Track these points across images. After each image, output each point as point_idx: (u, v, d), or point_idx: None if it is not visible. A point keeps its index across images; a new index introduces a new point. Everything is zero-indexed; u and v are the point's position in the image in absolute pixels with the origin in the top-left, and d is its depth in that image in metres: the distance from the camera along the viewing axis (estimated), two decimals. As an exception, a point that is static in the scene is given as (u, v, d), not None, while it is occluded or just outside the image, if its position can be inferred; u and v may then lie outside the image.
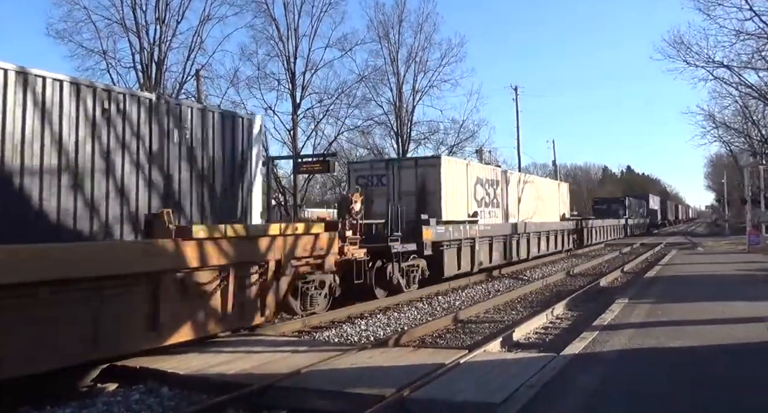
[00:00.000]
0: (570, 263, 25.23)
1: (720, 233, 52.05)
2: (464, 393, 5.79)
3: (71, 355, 6.82)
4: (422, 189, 17.55)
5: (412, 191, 17.59)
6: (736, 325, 8.96)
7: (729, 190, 60.91)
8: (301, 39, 32.15)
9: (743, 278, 15.61)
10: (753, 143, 45.04)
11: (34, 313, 6.40)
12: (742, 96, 35.52)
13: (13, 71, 7.45)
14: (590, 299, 13.97)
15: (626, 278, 18.91)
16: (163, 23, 27.35)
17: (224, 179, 10.50)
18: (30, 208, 7.52)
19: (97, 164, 8.38)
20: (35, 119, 7.62)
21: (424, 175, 17.66)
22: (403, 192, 17.58)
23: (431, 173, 17.61)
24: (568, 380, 6.16)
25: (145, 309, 7.73)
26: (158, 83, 26.95)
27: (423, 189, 17.55)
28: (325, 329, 10.97)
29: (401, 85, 36.30)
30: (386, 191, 17.79)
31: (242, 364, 7.37)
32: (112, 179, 8.54)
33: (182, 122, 9.69)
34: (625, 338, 8.17)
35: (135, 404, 6.43)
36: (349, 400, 5.94)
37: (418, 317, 12.34)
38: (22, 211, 7.44)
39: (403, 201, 16.71)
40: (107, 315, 7.18)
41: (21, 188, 7.43)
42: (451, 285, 16.76)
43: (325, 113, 32.92)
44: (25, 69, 7.57)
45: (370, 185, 17.98)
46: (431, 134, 37.82)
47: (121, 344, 7.39)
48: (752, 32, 25.66)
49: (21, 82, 7.50)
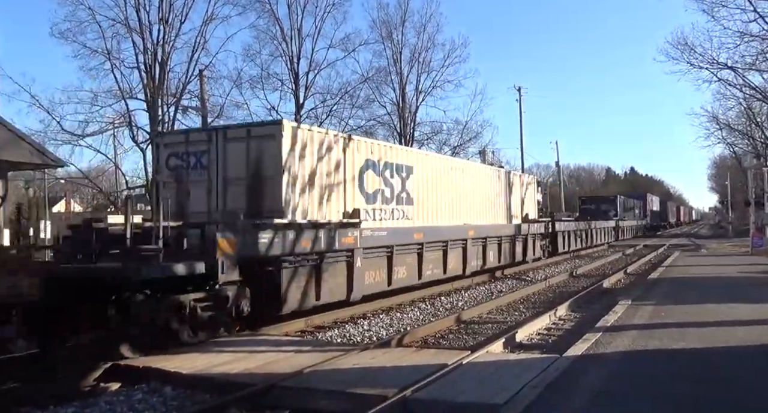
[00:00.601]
0: (573, 264, 25.18)
1: (723, 235, 51.97)
2: (467, 394, 5.79)
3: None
4: (256, 173, 11.22)
5: (242, 177, 11.32)
6: (739, 327, 8.95)
7: (732, 192, 60.87)
8: (304, 39, 32.19)
9: (747, 281, 15.59)
10: (757, 145, 45.01)
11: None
12: (746, 98, 35.48)
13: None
14: (593, 301, 13.95)
15: (629, 280, 18.87)
16: (166, 24, 27.35)
17: None
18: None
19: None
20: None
21: (259, 151, 11.23)
22: (230, 178, 11.44)
23: (269, 148, 11.11)
24: (572, 381, 6.15)
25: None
26: (162, 84, 26.99)
27: (257, 173, 11.21)
28: (328, 329, 10.98)
29: (404, 86, 36.30)
30: (207, 177, 11.60)
31: (245, 364, 7.38)
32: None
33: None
34: (629, 339, 8.16)
35: (138, 403, 6.42)
36: (351, 400, 5.94)
37: (421, 317, 12.34)
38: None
39: (231, 192, 11.38)
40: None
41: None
42: (453, 286, 16.74)
43: (329, 114, 32.89)
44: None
45: (186, 167, 11.85)
46: (434, 134, 37.79)
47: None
48: (756, 34, 25.64)
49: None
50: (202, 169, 11.67)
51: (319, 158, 11.92)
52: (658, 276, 16.95)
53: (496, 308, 13.25)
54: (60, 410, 6.25)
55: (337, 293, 11.98)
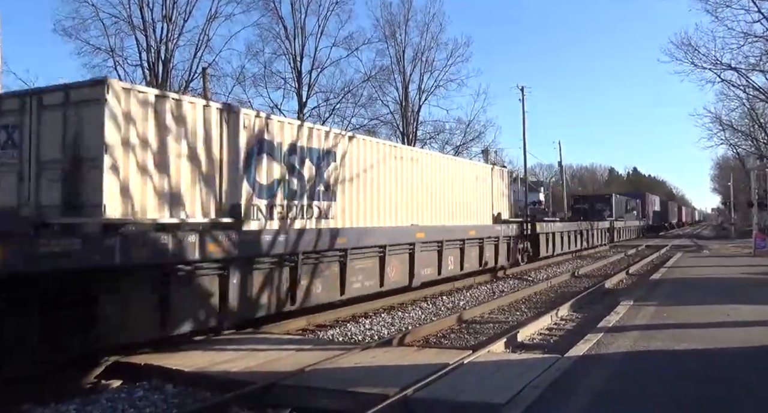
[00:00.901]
0: (575, 264, 25.15)
1: (726, 236, 51.85)
2: (468, 393, 5.79)
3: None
4: (76, 154, 8.11)
5: (58, 160, 8.26)
6: (741, 328, 8.94)
7: (735, 193, 60.77)
8: (307, 38, 32.30)
9: (749, 282, 15.56)
10: (760, 146, 44.91)
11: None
12: (750, 99, 35.48)
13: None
14: (595, 301, 13.93)
15: (631, 281, 18.85)
16: (170, 21, 27.45)
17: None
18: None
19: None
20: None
21: (79, 123, 8.14)
22: (45, 161, 8.38)
23: (91, 117, 8.00)
24: (573, 381, 6.14)
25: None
26: (165, 82, 27.02)
27: (77, 154, 8.10)
28: (329, 327, 10.98)
29: (407, 85, 36.39)
30: (19, 159, 8.55)
31: (247, 362, 7.39)
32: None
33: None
34: (630, 340, 8.15)
35: (139, 401, 6.45)
36: (352, 399, 5.94)
37: (423, 317, 12.33)
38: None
39: (45, 179, 8.36)
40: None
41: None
42: (455, 285, 16.73)
43: (331, 112, 32.99)
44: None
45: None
46: (437, 133, 37.84)
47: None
48: (760, 35, 25.62)
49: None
50: (14, 148, 8.61)
51: (175, 135, 8.71)
52: (660, 277, 16.92)
53: (497, 308, 13.23)
54: (61, 407, 6.26)
55: (204, 322, 8.85)
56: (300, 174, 11.26)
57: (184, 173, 8.83)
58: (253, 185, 10.10)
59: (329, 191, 12.00)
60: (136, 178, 8.19)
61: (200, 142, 9.12)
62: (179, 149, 8.80)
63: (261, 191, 10.27)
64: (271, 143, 10.54)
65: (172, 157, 8.69)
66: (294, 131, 11.16)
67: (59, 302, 6.99)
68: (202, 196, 9.14)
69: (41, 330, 6.84)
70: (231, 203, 9.56)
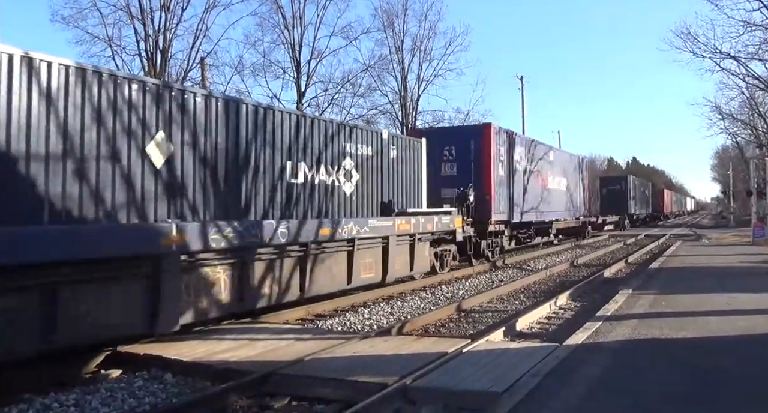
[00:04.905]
0: (575, 253, 25.19)
1: (725, 225, 51.90)
2: (467, 382, 5.80)
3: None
4: None
5: None
6: (740, 316, 8.95)
7: (735, 182, 60.77)
8: (306, 27, 32.15)
9: (747, 270, 15.58)
10: (759, 134, 44.84)
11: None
12: (749, 88, 35.40)
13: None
14: (594, 290, 13.95)
15: (630, 269, 18.88)
16: (168, 10, 27.32)
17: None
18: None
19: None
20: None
21: None
22: None
23: None
24: (571, 369, 6.15)
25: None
26: (163, 71, 26.90)
27: None
28: (328, 317, 10.99)
29: (406, 75, 36.32)
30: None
31: (246, 351, 7.40)
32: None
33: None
34: (629, 328, 8.16)
35: (138, 390, 6.46)
36: (351, 388, 5.95)
37: (422, 306, 12.34)
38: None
39: None
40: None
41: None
42: (455, 275, 16.75)
43: (330, 102, 32.94)
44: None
45: None
46: (436, 123, 37.76)
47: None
48: (760, 23, 25.47)
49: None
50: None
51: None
52: (659, 266, 16.94)
53: (496, 297, 13.25)
54: (61, 397, 6.26)
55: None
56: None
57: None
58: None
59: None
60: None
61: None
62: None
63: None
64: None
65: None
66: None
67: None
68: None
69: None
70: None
